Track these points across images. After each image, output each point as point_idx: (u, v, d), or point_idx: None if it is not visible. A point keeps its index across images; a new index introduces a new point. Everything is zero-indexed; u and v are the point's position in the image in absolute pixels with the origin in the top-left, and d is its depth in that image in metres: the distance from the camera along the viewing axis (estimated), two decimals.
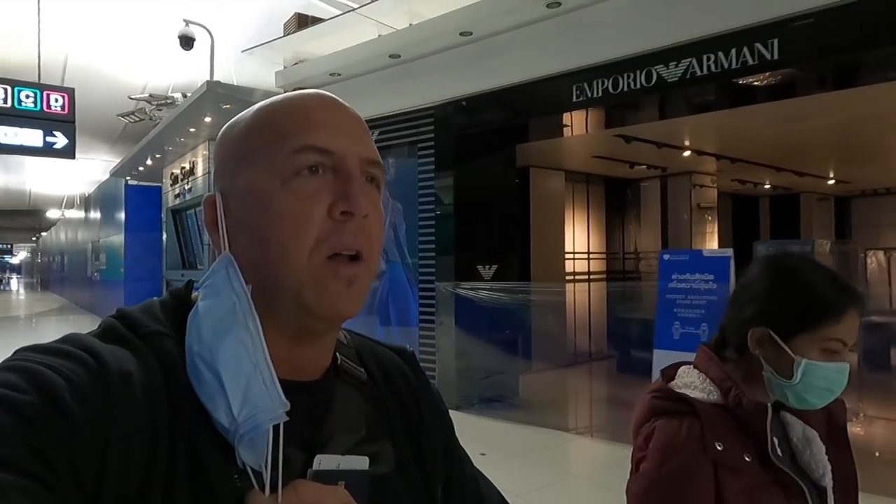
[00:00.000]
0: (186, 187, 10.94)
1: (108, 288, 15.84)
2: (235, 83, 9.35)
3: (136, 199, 13.89)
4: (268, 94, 7.94)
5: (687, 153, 7.41)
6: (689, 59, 4.56)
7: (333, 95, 0.63)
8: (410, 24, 6.23)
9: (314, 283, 0.56)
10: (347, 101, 0.63)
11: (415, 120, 6.48)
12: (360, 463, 0.58)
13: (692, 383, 1.09)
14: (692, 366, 1.13)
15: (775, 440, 1.02)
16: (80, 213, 22.20)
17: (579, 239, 9.51)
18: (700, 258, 4.82)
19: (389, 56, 6.32)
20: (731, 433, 1.02)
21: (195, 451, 0.51)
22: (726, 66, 4.39)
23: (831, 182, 10.28)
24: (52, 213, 31.84)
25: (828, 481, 1.04)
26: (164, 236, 12.62)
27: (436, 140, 6.33)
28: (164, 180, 12.51)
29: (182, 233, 12.19)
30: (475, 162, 6.37)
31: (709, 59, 4.46)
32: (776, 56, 4.17)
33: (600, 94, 5.08)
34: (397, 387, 0.72)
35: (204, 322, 0.54)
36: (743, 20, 4.25)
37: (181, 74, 12.12)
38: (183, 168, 11.09)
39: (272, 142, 0.58)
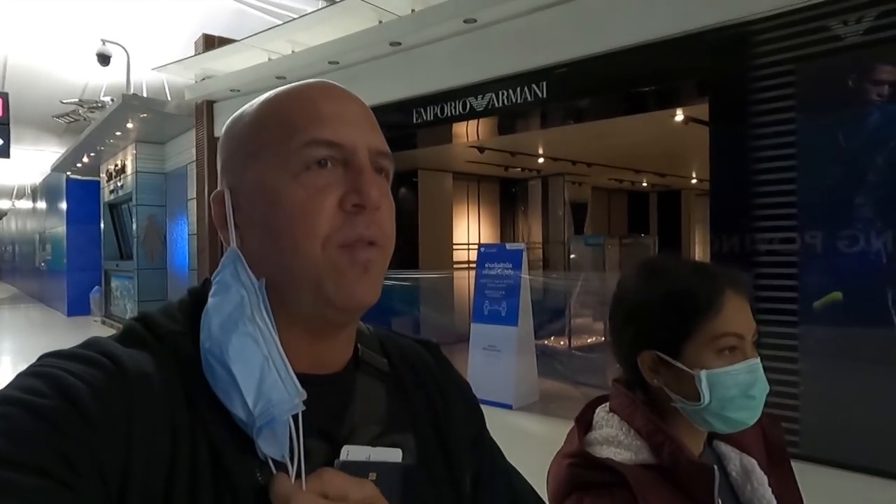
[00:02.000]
0: (119, 184, 11.85)
1: (54, 277, 16.52)
2: (167, 89, 10.28)
3: (77, 193, 14.58)
4: (181, 105, 8.98)
5: (541, 160, 8.68)
6: (490, 94, 5.78)
7: (339, 85, 0.62)
8: (293, 52, 7.32)
9: (331, 271, 0.56)
10: None
11: None
12: (393, 455, 0.57)
13: (615, 438, 0.92)
14: (609, 408, 0.97)
15: (720, 502, 0.86)
16: (29, 204, 22.63)
17: (473, 232, 10.79)
18: (504, 251, 6.08)
19: (276, 77, 7.41)
20: (669, 501, 0.86)
21: (215, 448, 0.51)
22: (514, 100, 5.62)
23: (693, 181, 11.73)
24: (3, 204, 31.91)
25: None
26: (102, 228, 13.48)
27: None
28: (101, 175, 13.35)
29: (119, 225, 13.09)
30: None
31: (502, 94, 5.69)
32: (545, 95, 5.42)
33: (431, 118, 6.29)
34: (422, 378, 0.71)
35: (213, 318, 0.54)
36: (521, 66, 5.48)
37: (118, 75, 12.95)
38: (116, 166, 11.99)
39: (280, 136, 0.57)
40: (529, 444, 3.08)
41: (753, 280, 4.26)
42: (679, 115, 6.19)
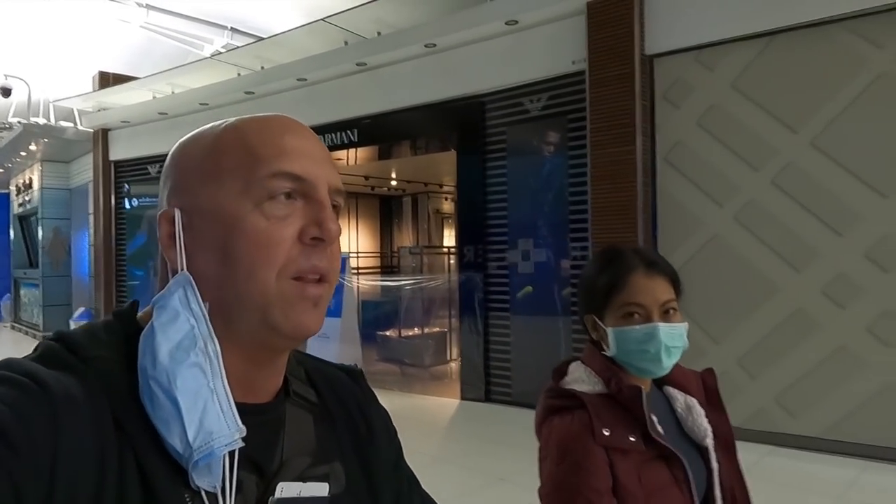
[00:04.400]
0: (27, 198, 12.82)
1: None
2: (76, 112, 11.29)
3: None
4: (79, 132, 10.17)
5: (394, 182, 10.34)
6: (329, 134, 7.36)
7: (298, 121, 0.63)
8: (173, 92, 8.71)
9: (281, 302, 0.57)
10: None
11: None
12: (320, 490, 0.60)
13: (580, 378, 1.20)
14: (580, 361, 1.24)
15: (654, 418, 1.13)
16: None
17: (353, 242, 12.35)
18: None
19: (159, 113, 8.79)
20: (617, 418, 1.12)
21: (145, 474, 0.50)
22: (338, 142, 7.22)
23: None
24: None
25: (709, 442, 1.17)
26: (12, 238, 14.31)
27: None
28: (11, 188, 14.21)
29: (27, 236, 13.99)
30: None
31: (334, 136, 7.27)
32: (356, 139, 7.05)
33: None
34: (346, 406, 0.72)
35: (161, 345, 0.53)
36: (339, 117, 7.09)
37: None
38: (24, 181, 12.94)
39: (245, 163, 0.58)
40: None
41: (485, 279, 6.01)
42: None
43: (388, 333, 8.77)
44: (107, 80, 9.69)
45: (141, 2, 10.88)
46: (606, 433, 1.09)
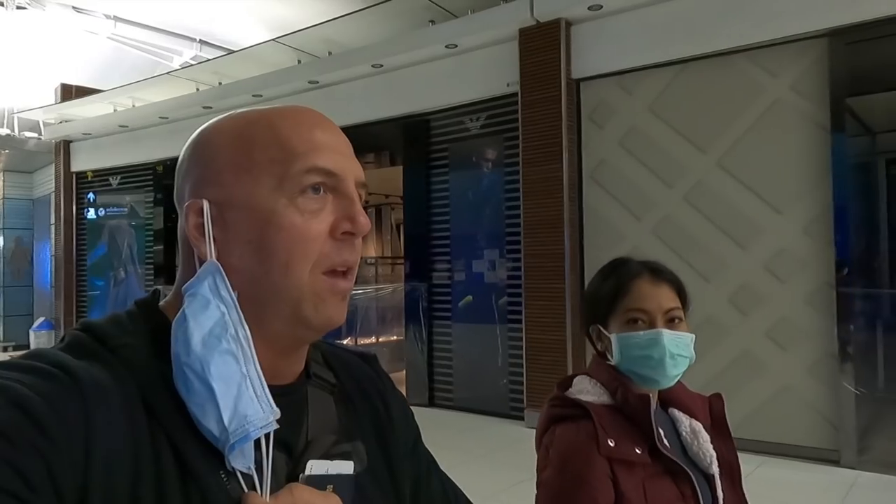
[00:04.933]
0: None
1: None
2: (41, 123, 11.37)
3: None
4: (40, 143, 10.25)
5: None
6: None
7: (323, 114, 0.64)
8: (133, 106, 8.88)
9: (314, 296, 0.59)
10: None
11: (140, 173, 9.17)
12: (346, 467, 0.62)
13: (585, 389, 1.18)
14: (585, 374, 1.23)
15: (661, 431, 1.11)
16: None
17: None
18: None
19: (119, 126, 8.95)
20: (623, 429, 1.10)
21: (181, 456, 0.52)
22: None
23: None
24: None
25: (714, 469, 1.14)
26: None
27: (154, 191, 9.03)
28: None
29: None
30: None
31: None
32: None
33: None
34: (366, 389, 0.74)
35: (193, 332, 0.54)
36: None
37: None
38: None
39: (278, 158, 0.58)
40: None
41: (429, 288, 6.28)
42: None
43: (345, 342, 9.01)
44: (69, 92, 9.81)
45: (109, 13, 11.05)
46: (611, 444, 1.08)
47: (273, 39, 6.77)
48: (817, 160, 4.35)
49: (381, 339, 8.63)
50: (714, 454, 1.15)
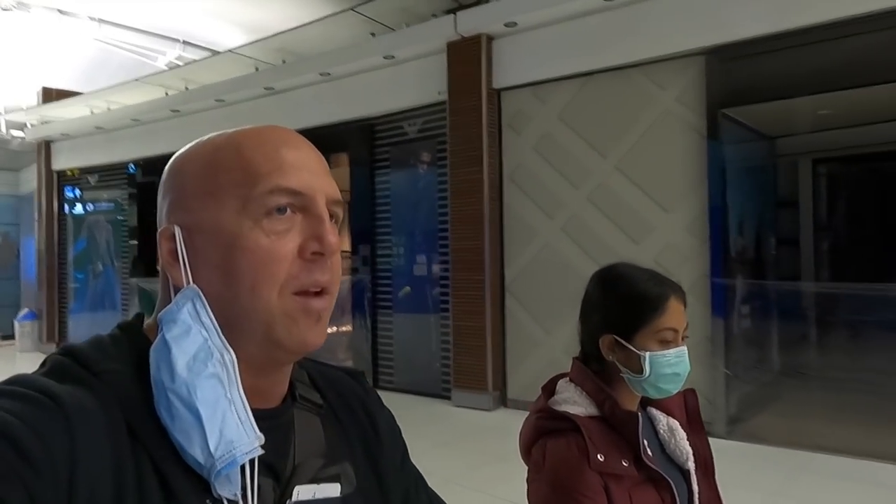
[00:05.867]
0: None
1: None
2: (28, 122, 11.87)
3: None
4: (24, 143, 10.76)
5: None
6: None
7: (295, 132, 0.63)
8: (108, 108, 9.38)
9: (284, 318, 0.57)
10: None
11: (115, 172, 9.69)
12: (333, 490, 0.62)
13: (571, 398, 1.20)
14: (568, 379, 1.25)
15: (645, 442, 1.15)
16: None
17: None
18: None
19: (96, 127, 9.47)
20: (610, 442, 1.14)
21: (165, 483, 0.52)
22: None
23: None
24: None
25: (690, 465, 1.20)
26: None
27: (129, 188, 9.56)
28: None
29: None
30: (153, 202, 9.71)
31: None
32: None
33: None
34: (352, 407, 0.73)
35: (177, 358, 0.53)
36: None
37: None
38: None
39: (242, 180, 0.58)
40: None
41: (373, 280, 6.80)
42: None
43: None
44: (50, 95, 10.31)
45: (93, 16, 11.53)
46: (601, 459, 1.11)
47: (229, 51, 7.26)
48: (698, 165, 4.87)
49: (340, 329, 9.15)
50: (690, 451, 1.21)
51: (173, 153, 0.66)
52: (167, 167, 0.64)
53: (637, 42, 5.06)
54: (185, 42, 12.01)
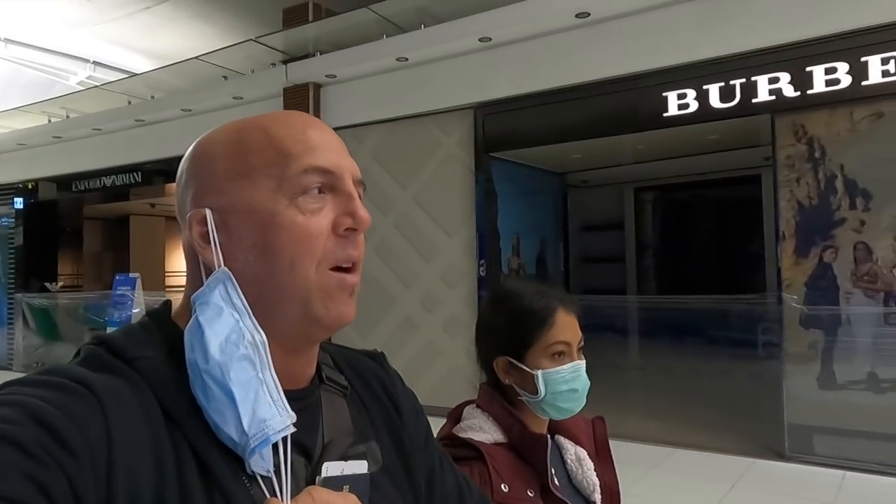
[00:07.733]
0: None
1: None
2: None
3: None
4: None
5: None
6: (120, 175, 8.74)
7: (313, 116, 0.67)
8: (68, 117, 9.88)
9: (322, 293, 0.60)
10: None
11: (4, 191, 10.18)
12: (361, 467, 0.64)
13: (476, 425, 1.15)
14: (476, 405, 1.19)
15: (553, 470, 1.11)
16: None
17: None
18: (126, 278, 9.07)
19: (53, 137, 9.90)
20: (516, 471, 1.09)
21: (203, 462, 0.53)
22: (127, 182, 8.65)
23: None
24: None
25: (597, 496, 1.15)
26: None
27: (16, 210, 10.05)
28: None
29: None
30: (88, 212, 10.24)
31: (124, 176, 8.68)
32: (140, 179, 8.53)
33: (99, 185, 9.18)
34: (374, 389, 0.76)
35: (210, 340, 0.55)
36: (129, 160, 8.55)
37: None
38: None
39: (275, 161, 0.60)
40: None
41: None
42: None
43: None
44: None
45: (0, 36, 11.94)
46: (505, 490, 1.07)
47: (97, 86, 7.99)
48: (469, 197, 5.93)
49: None
50: (597, 482, 1.18)
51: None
52: (188, 155, 0.65)
53: (427, 95, 6.12)
54: (95, 62, 12.58)
